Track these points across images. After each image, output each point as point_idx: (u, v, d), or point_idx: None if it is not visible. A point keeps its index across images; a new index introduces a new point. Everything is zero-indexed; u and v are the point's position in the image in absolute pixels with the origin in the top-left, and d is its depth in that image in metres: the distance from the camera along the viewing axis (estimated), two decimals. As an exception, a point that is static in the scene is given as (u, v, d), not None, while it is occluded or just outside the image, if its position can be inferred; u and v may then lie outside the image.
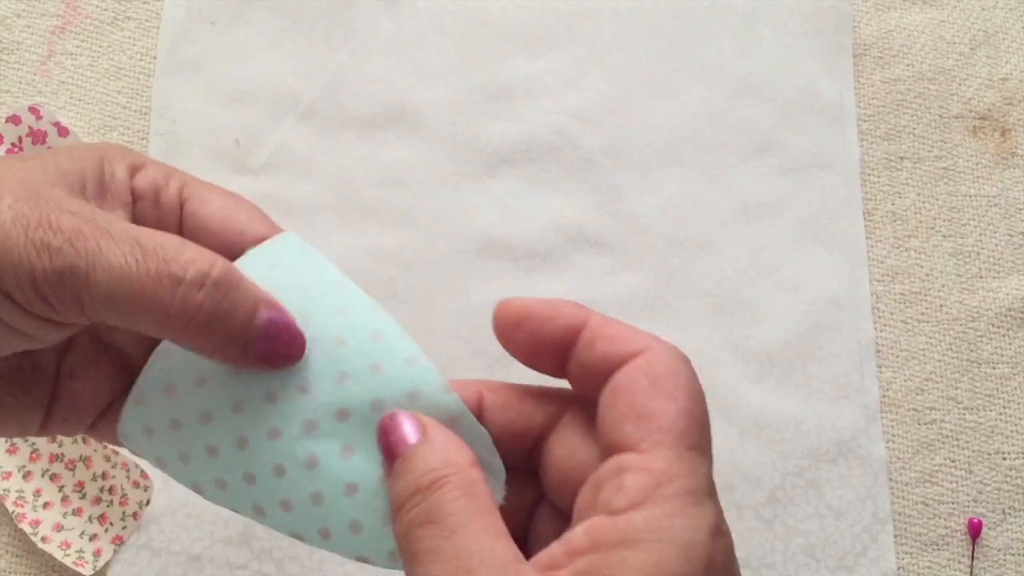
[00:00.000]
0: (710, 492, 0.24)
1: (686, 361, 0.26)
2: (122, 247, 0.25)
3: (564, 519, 0.27)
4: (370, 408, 0.27)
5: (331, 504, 0.27)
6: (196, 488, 0.29)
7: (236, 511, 0.29)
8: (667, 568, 0.21)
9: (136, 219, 0.29)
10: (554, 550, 0.23)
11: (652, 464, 0.23)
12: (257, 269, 0.28)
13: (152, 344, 0.29)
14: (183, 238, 0.27)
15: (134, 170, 0.29)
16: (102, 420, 0.30)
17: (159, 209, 0.29)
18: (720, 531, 0.23)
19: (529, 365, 0.29)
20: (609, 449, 0.24)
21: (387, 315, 0.29)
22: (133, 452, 0.30)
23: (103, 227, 0.25)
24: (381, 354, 0.28)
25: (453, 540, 0.23)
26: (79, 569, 0.49)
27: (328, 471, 0.27)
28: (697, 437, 0.24)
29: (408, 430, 0.26)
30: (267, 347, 0.27)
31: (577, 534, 0.23)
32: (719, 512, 0.23)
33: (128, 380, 0.29)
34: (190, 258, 0.25)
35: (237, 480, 0.28)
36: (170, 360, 0.28)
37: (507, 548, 0.23)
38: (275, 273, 0.29)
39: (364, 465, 0.27)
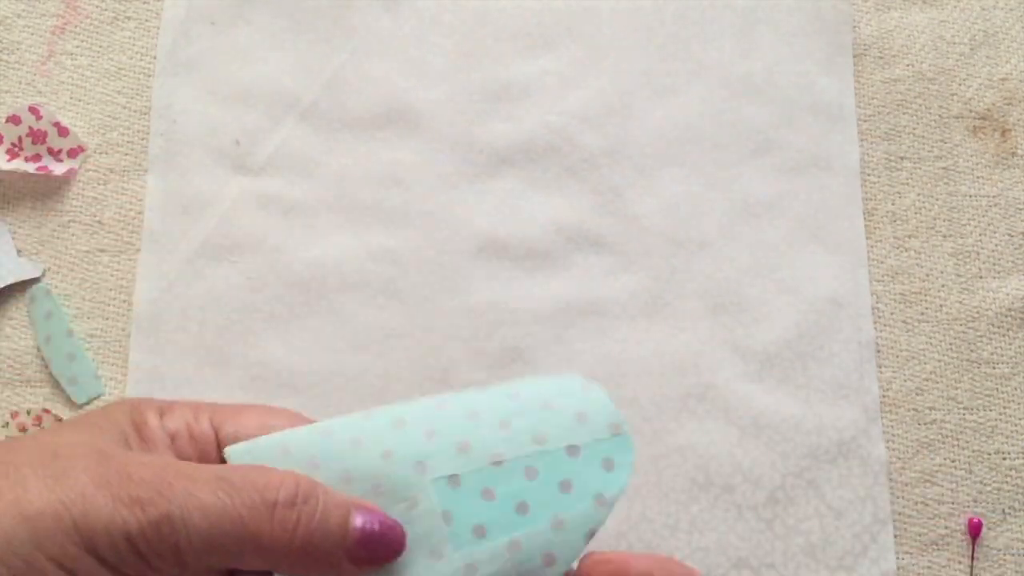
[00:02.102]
0: None
1: None
2: (210, 486, 0.24)
3: None
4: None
5: None
6: None
7: None
8: None
9: (178, 457, 0.29)
10: None
11: None
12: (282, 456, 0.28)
13: None
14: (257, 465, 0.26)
15: (163, 413, 0.29)
16: None
17: (196, 442, 0.29)
18: None
19: None
20: None
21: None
22: None
23: (184, 471, 0.25)
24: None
25: None
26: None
27: None
28: None
29: None
30: (368, 546, 0.26)
31: None
32: None
33: None
34: (277, 481, 0.25)
35: None
36: None
37: None
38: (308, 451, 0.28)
39: None
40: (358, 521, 0.26)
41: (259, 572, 0.27)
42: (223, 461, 0.29)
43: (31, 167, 0.55)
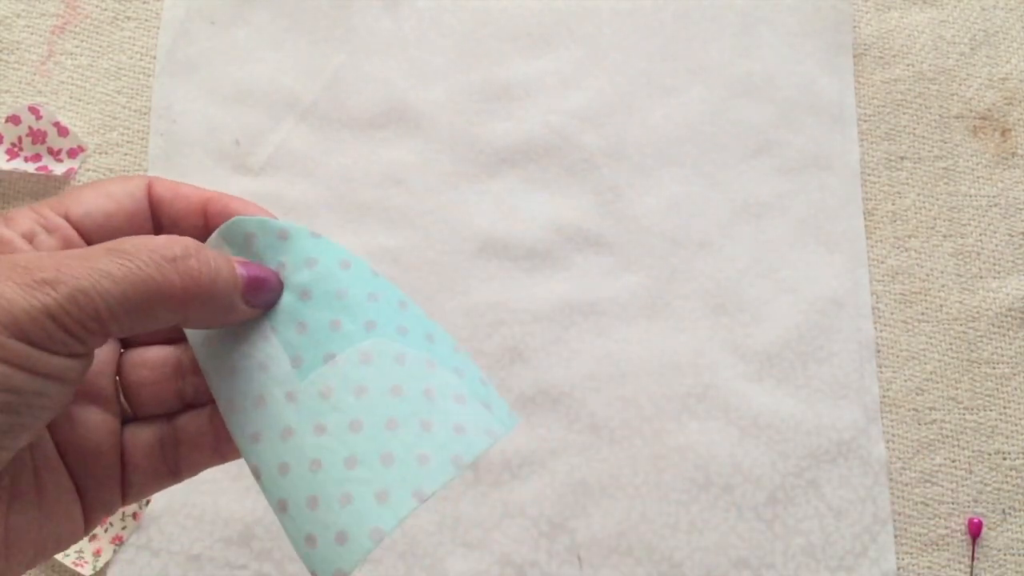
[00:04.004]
0: None
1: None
2: (107, 258, 0.26)
3: None
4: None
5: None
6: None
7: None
8: None
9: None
10: None
11: None
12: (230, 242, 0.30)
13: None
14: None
15: (6, 222, 0.29)
16: (129, 471, 0.31)
17: (55, 234, 0.30)
18: None
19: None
20: None
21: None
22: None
23: (74, 254, 0.26)
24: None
25: None
26: (79, 569, 0.49)
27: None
28: None
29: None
30: (255, 286, 0.29)
31: None
32: None
33: (114, 416, 0.30)
34: (163, 242, 0.27)
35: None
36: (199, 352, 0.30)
37: None
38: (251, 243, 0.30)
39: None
40: (242, 269, 0.29)
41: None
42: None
43: (31, 167, 0.55)
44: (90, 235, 0.30)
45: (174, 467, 0.30)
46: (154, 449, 0.30)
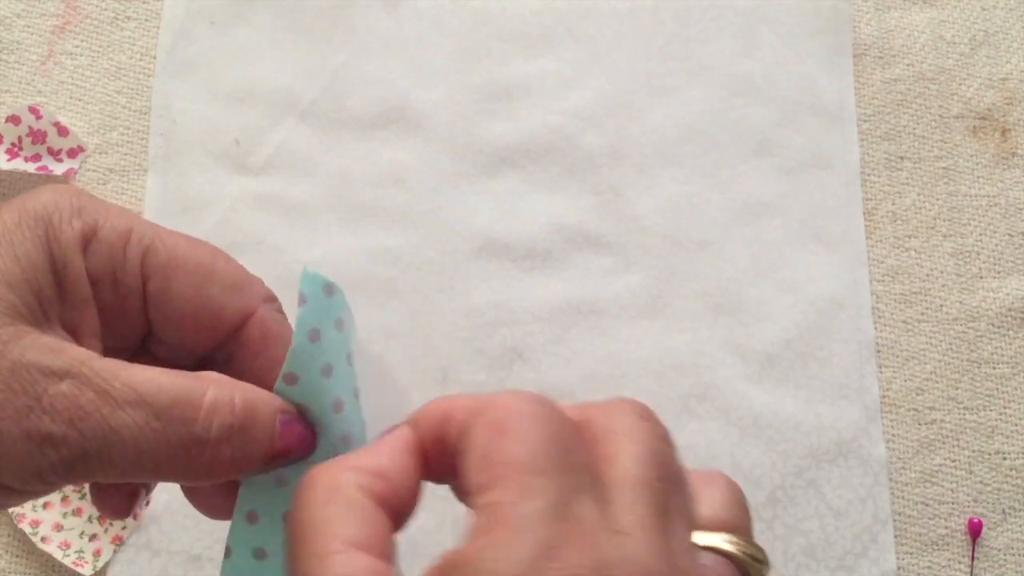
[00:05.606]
0: (548, 513, 0.19)
1: (530, 400, 0.21)
2: (130, 412, 0.22)
3: None
4: None
5: None
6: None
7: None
8: None
9: (98, 306, 0.26)
10: None
11: (489, 498, 0.20)
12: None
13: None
14: (189, 373, 0.24)
15: (86, 241, 0.25)
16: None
17: (119, 289, 0.26)
18: (549, 554, 0.18)
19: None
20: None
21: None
22: None
23: (100, 387, 0.22)
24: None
25: None
26: (79, 569, 0.49)
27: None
28: (544, 462, 0.20)
29: None
30: (286, 453, 0.25)
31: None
32: (557, 532, 0.19)
33: None
34: (210, 409, 0.23)
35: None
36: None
37: None
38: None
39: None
40: (281, 429, 0.24)
41: None
42: (145, 312, 0.26)
43: (31, 167, 0.55)
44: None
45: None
46: None
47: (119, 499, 0.27)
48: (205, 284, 0.26)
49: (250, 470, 0.24)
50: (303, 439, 0.25)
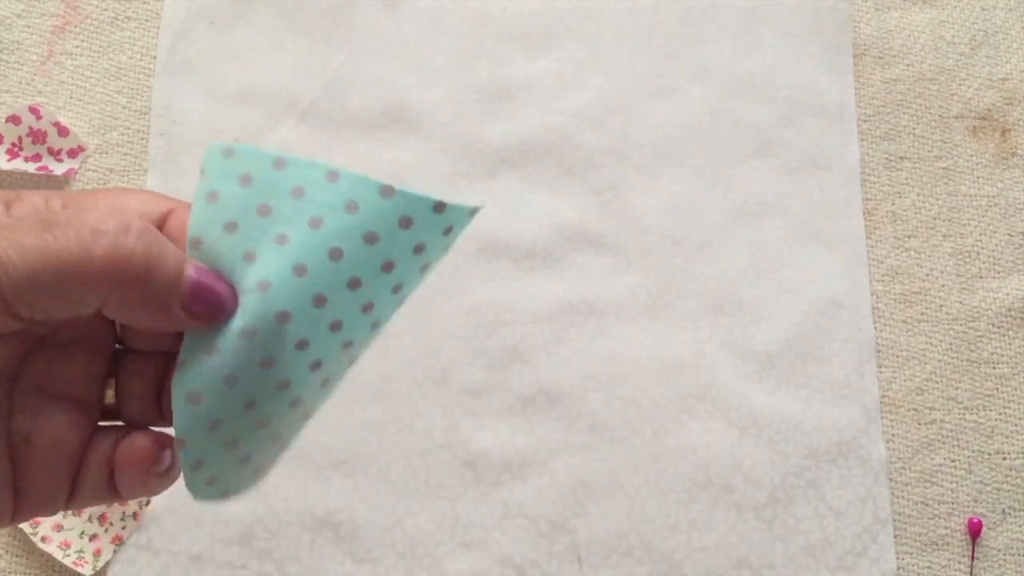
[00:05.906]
0: None
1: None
2: (36, 229, 0.23)
3: None
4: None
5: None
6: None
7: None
8: None
9: None
10: None
11: None
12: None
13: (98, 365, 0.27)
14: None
15: (9, 204, 0.26)
16: (81, 478, 0.27)
17: None
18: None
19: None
20: None
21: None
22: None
23: (13, 223, 0.23)
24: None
25: None
26: (79, 569, 0.49)
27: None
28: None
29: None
30: (201, 297, 0.25)
31: None
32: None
33: (89, 421, 0.27)
34: (103, 216, 0.24)
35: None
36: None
37: None
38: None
39: None
40: (192, 272, 0.25)
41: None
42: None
43: (31, 167, 0.55)
44: None
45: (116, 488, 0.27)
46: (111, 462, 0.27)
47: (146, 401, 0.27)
48: (120, 198, 0.27)
49: (167, 293, 0.24)
50: (217, 279, 0.25)
